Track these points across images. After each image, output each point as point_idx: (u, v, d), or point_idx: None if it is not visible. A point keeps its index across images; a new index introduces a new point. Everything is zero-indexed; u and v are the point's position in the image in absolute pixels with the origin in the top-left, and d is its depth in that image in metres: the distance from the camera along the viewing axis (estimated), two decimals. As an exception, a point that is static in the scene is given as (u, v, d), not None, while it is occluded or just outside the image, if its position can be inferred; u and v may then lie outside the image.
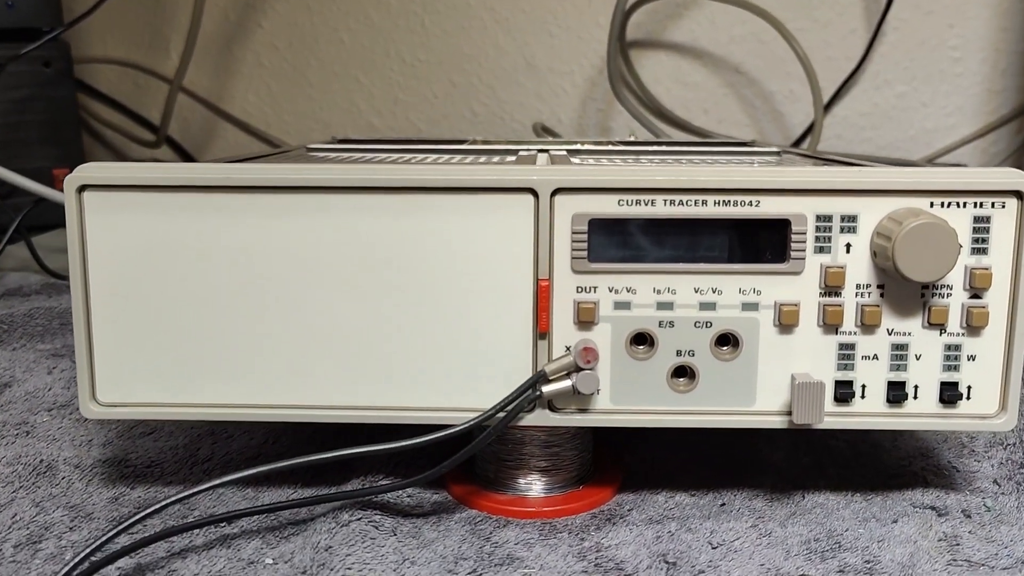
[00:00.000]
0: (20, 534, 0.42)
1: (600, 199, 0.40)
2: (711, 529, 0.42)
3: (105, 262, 0.41)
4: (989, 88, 1.12)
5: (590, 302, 0.41)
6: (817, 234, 0.40)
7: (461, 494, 0.46)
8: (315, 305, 0.42)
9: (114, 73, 1.32)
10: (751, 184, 0.40)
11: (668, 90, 1.19)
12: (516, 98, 1.23)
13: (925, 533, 0.42)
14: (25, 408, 0.57)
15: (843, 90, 1.14)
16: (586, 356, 0.40)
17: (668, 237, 0.41)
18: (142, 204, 0.41)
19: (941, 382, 0.42)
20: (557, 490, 0.45)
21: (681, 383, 0.42)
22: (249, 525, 0.43)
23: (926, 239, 0.38)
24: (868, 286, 0.41)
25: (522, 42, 1.21)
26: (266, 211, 0.41)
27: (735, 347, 0.42)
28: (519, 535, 0.42)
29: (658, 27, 1.18)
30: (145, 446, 0.52)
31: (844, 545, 0.41)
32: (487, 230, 0.41)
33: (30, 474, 0.48)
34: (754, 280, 0.41)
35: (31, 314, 0.72)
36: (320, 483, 0.47)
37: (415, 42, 1.24)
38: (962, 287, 0.41)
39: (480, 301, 0.41)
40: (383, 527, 0.42)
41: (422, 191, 0.40)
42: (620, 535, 0.42)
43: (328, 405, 0.43)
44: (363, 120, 1.27)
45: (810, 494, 0.46)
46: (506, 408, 0.41)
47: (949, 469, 0.49)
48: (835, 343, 0.41)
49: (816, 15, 1.14)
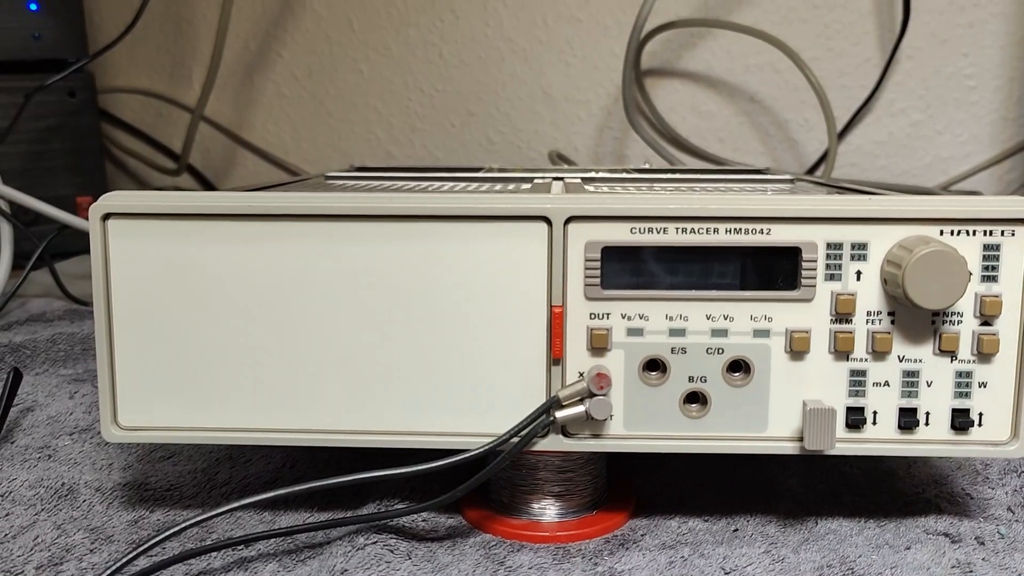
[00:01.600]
0: (42, 556, 0.43)
1: (613, 227, 0.41)
2: (724, 555, 0.43)
3: (128, 288, 0.42)
4: (1003, 116, 1.12)
5: (603, 328, 0.42)
6: (828, 261, 0.41)
7: (476, 519, 0.46)
8: (332, 331, 0.42)
9: (137, 103, 1.35)
10: (762, 212, 0.40)
11: (683, 119, 1.20)
12: (532, 127, 1.24)
13: (938, 560, 0.42)
14: (47, 432, 0.58)
15: (857, 118, 1.14)
16: (599, 382, 0.41)
17: (680, 264, 0.41)
18: (164, 231, 0.42)
19: (952, 409, 0.42)
20: (571, 515, 0.46)
21: (693, 409, 0.42)
22: (266, 548, 0.44)
23: (936, 267, 0.39)
24: (879, 313, 0.41)
25: (539, 71, 1.23)
26: (284, 238, 0.42)
27: (747, 373, 0.42)
28: (533, 559, 0.42)
29: (673, 56, 1.19)
30: (164, 470, 0.52)
31: (857, 572, 0.41)
32: (502, 257, 0.41)
33: (52, 497, 0.49)
34: (765, 307, 0.41)
35: (54, 339, 0.73)
36: (336, 507, 0.47)
37: (433, 72, 1.25)
38: (972, 314, 0.41)
39: (495, 327, 0.42)
40: (398, 551, 0.43)
41: (438, 219, 0.41)
42: (633, 560, 0.42)
43: (345, 430, 0.43)
44: (381, 149, 1.29)
45: (823, 520, 0.46)
46: (520, 433, 0.42)
47: (963, 496, 0.48)
48: (846, 369, 0.42)
49: (831, 44, 1.15)
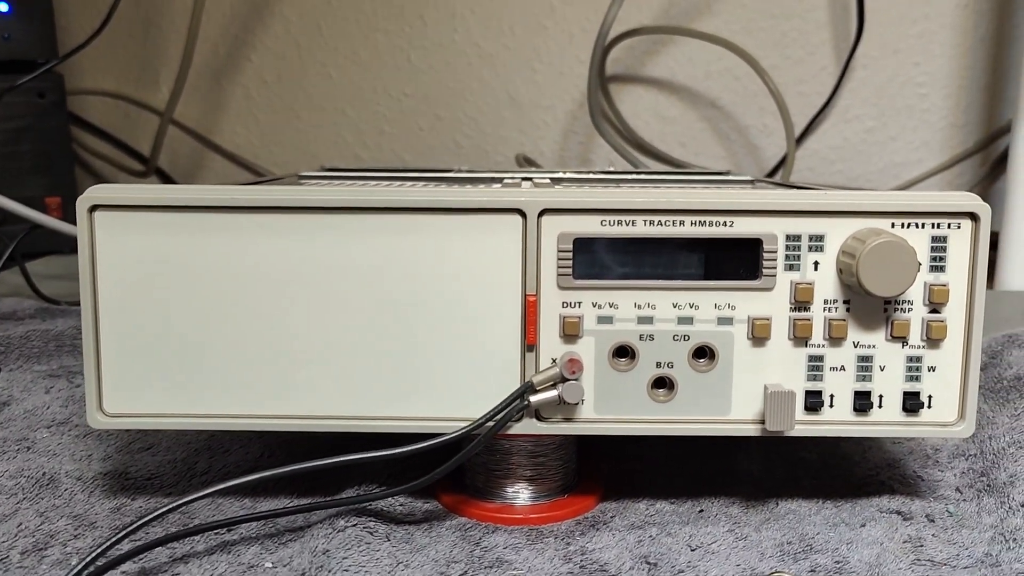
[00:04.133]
0: (26, 541, 0.44)
1: (584, 219, 0.43)
2: (690, 533, 0.45)
3: (114, 277, 0.43)
4: (953, 123, 1.16)
5: (575, 317, 0.43)
6: (787, 252, 0.43)
7: (451, 503, 0.47)
8: (313, 320, 0.44)
9: (104, 105, 1.34)
10: (725, 206, 0.43)
11: (647, 123, 1.23)
12: (500, 131, 1.26)
13: (891, 536, 0.44)
14: (25, 425, 0.58)
15: (814, 124, 1.18)
16: (571, 367, 0.43)
17: (648, 255, 0.43)
18: (149, 223, 0.43)
19: (904, 392, 0.44)
20: (543, 498, 0.47)
21: (661, 393, 0.44)
22: (248, 531, 0.45)
23: (888, 257, 0.41)
24: (835, 301, 0.44)
25: (505, 77, 1.25)
26: (265, 230, 0.43)
27: (711, 359, 0.44)
28: (507, 540, 0.44)
29: (637, 63, 1.22)
30: (144, 460, 0.53)
31: (815, 547, 0.43)
32: (478, 249, 0.43)
33: (33, 486, 0.50)
34: (729, 296, 0.44)
35: (27, 336, 0.73)
36: (316, 492, 0.49)
37: (401, 77, 1.27)
38: (922, 302, 0.43)
39: (471, 316, 0.44)
40: (378, 533, 0.44)
41: (416, 211, 0.43)
42: (604, 540, 0.44)
43: (324, 415, 0.45)
44: (350, 152, 1.30)
45: (784, 501, 0.48)
46: (496, 417, 0.43)
47: (914, 478, 0.51)
48: (805, 355, 0.44)
49: (788, 52, 1.18)
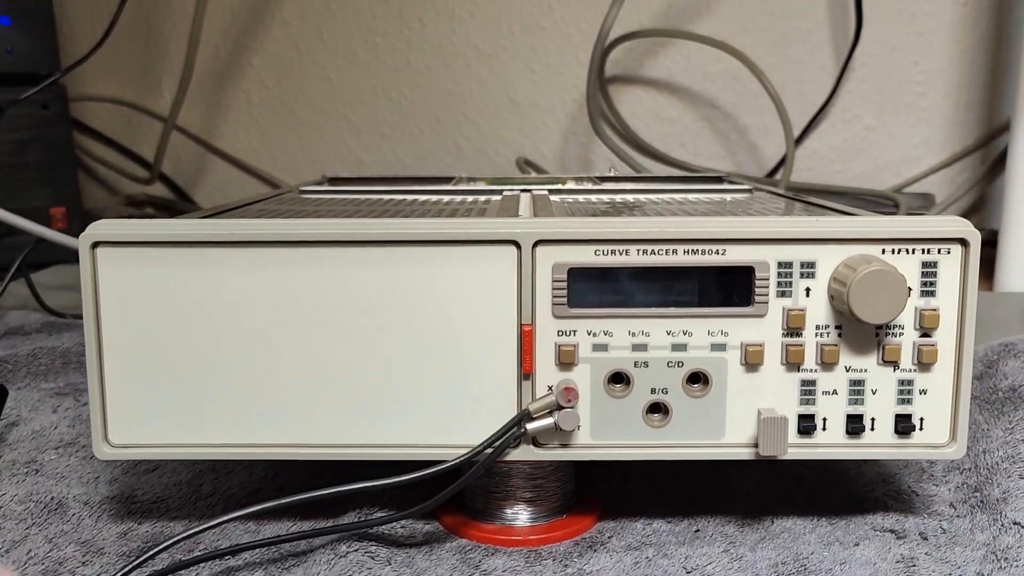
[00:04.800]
0: (36, 569, 0.45)
1: (578, 249, 0.43)
2: (686, 555, 0.45)
3: (117, 311, 0.44)
4: (953, 121, 1.17)
5: (570, 345, 0.44)
6: (779, 279, 0.44)
7: (452, 524, 0.48)
8: (312, 350, 0.44)
9: (108, 112, 1.35)
10: (718, 235, 0.43)
11: (646, 125, 1.23)
12: (499, 133, 1.26)
13: (884, 555, 0.45)
14: (33, 447, 0.59)
15: (814, 124, 1.18)
16: (567, 395, 0.44)
17: (642, 284, 0.44)
18: (150, 258, 0.44)
19: (896, 414, 0.45)
20: (542, 519, 0.48)
21: (656, 419, 0.45)
22: (252, 557, 0.46)
23: (878, 284, 0.42)
24: (827, 327, 0.44)
25: (505, 79, 1.25)
26: (264, 263, 0.44)
27: (705, 385, 0.45)
28: (506, 563, 0.45)
29: (636, 64, 1.22)
30: (150, 482, 0.54)
31: (809, 568, 0.44)
32: (474, 279, 0.44)
33: (42, 511, 0.51)
34: (722, 323, 0.44)
35: (34, 354, 0.74)
36: (319, 516, 0.49)
37: (401, 79, 1.27)
38: (913, 327, 0.44)
39: (468, 345, 0.44)
40: (379, 557, 0.45)
41: (412, 244, 0.44)
42: (601, 561, 0.45)
43: (326, 444, 0.45)
44: (351, 155, 1.30)
45: (779, 519, 0.49)
46: (493, 444, 0.44)
47: (909, 494, 0.52)
48: (797, 380, 0.45)
49: (787, 52, 1.18)
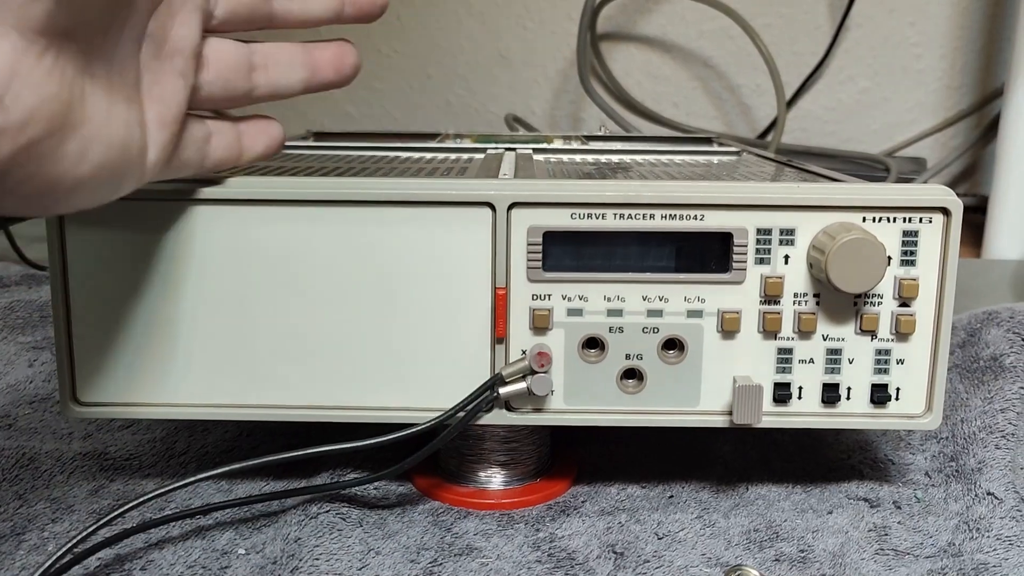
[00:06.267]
0: (4, 526, 0.45)
1: (554, 212, 0.43)
2: (658, 520, 0.45)
3: (84, 270, 0.43)
4: (948, 84, 1.15)
5: (544, 309, 0.44)
6: (757, 246, 0.43)
7: (425, 487, 0.48)
8: (284, 311, 0.44)
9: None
10: (696, 199, 0.42)
11: (638, 83, 1.21)
12: (490, 90, 1.25)
13: (856, 524, 0.45)
14: (7, 401, 0.59)
15: (807, 85, 1.16)
16: (541, 360, 0.43)
17: (618, 248, 0.43)
18: (118, 214, 0.43)
19: (872, 384, 0.44)
20: (516, 483, 0.48)
21: (630, 385, 0.45)
22: (223, 517, 0.46)
23: (857, 253, 0.41)
24: (805, 295, 0.44)
25: (496, 35, 1.23)
26: (233, 221, 0.43)
27: (681, 351, 0.44)
28: (478, 526, 0.45)
29: (628, 21, 1.20)
30: (124, 439, 0.54)
31: (781, 535, 0.44)
32: (448, 241, 0.43)
33: (12, 467, 0.50)
34: (698, 289, 0.44)
35: (11, 307, 0.73)
36: (291, 476, 0.49)
37: (391, 34, 1.25)
38: (892, 296, 0.43)
39: (442, 308, 0.44)
40: (350, 519, 0.45)
41: (387, 204, 0.43)
42: (573, 526, 0.45)
43: (299, 405, 0.45)
44: (340, 109, 1.29)
45: (754, 486, 0.49)
46: (466, 408, 0.44)
47: (885, 462, 0.52)
48: (774, 348, 0.44)
49: (782, 11, 1.16)
